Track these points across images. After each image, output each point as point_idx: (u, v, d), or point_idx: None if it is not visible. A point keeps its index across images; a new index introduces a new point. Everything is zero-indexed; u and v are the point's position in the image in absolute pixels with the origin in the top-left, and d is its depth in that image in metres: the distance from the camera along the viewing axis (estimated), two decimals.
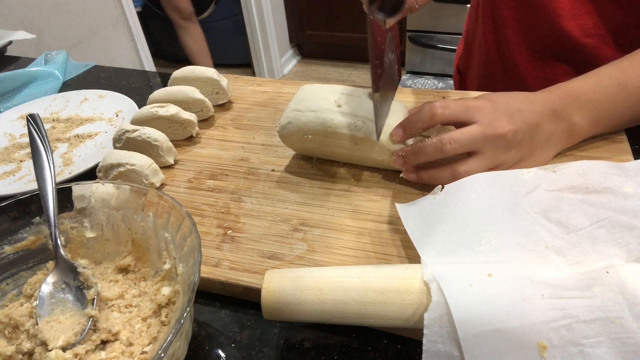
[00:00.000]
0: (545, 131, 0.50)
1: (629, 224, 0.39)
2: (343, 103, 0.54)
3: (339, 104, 0.54)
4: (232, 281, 0.45)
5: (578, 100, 0.51)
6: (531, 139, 0.50)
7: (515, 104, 0.50)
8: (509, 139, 0.48)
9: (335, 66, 3.03)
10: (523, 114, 0.49)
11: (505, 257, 0.40)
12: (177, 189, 0.58)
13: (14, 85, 0.91)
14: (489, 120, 0.48)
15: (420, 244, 0.42)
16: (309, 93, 0.56)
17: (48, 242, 0.46)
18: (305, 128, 0.54)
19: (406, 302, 0.37)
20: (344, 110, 0.53)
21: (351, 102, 0.54)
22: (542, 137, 0.51)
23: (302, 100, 0.56)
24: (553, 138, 0.51)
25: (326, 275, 0.39)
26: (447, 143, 0.48)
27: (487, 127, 0.48)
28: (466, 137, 0.48)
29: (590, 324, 0.33)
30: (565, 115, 0.51)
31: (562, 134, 0.52)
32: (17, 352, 0.39)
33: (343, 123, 0.53)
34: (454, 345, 0.34)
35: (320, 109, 0.54)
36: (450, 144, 0.48)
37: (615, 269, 0.36)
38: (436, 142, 0.48)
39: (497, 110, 0.49)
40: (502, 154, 0.49)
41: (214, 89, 0.71)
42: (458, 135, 0.48)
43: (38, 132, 0.49)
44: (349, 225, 0.50)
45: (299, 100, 0.56)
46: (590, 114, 0.51)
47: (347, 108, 0.53)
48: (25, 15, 1.70)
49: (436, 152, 0.48)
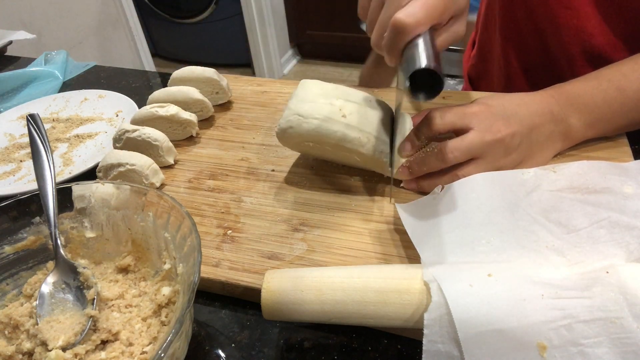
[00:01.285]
0: (543, 132, 0.50)
1: (629, 224, 0.39)
2: (348, 114, 0.51)
3: (343, 114, 0.51)
4: (232, 281, 0.45)
5: (575, 102, 0.51)
6: (529, 141, 0.50)
7: (511, 106, 0.50)
8: (507, 143, 0.48)
9: (335, 66, 3.03)
10: (520, 117, 0.49)
11: (505, 257, 0.40)
12: (177, 189, 0.58)
13: (14, 85, 0.91)
14: (486, 126, 0.48)
15: (420, 244, 0.42)
16: (311, 94, 0.53)
17: (48, 242, 0.46)
18: (307, 136, 0.52)
19: (406, 302, 0.37)
20: (349, 123, 0.51)
21: (357, 114, 0.52)
22: (541, 138, 0.51)
23: (303, 101, 0.53)
24: (550, 139, 0.52)
25: (326, 276, 0.39)
26: (448, 153, 0.48)
27: (485, 133, 0.48)
28: (466, 144, 0.48)
29: (590, 324, 0.33)
30: (563, 116, 0.51)
31: (559, 136, 0.52)
32: (17, 352, 0.39)
33: (348, 137, 0.51)
34: (454, 345, 0.34)
35: (324, 118, 0.51)
36: (452, 153, 0.48)
37: (615, 269, 0.35)
38: (437, 153, 0.49)
39: (493, 115, 0.49)
40: (502, 158, 0.49)
41: (214, 89, 0.71)
42: (458, 144, 0.48)
43: (38, 132, 0.49)
44: (349, 225, 0.50)
45: (301, 101, 0.53)
46: (587, 116, 0.51)
47: (352, 120, 0.51)
48: (25, 15, 1.70)
49: (438, 162, 0.49)
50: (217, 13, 2.77)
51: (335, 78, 2.91)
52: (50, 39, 1.80)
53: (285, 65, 3.03)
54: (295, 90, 0.54)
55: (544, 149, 0.52)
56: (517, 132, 0.49)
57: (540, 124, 0.50)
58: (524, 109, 0.50)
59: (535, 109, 0.50)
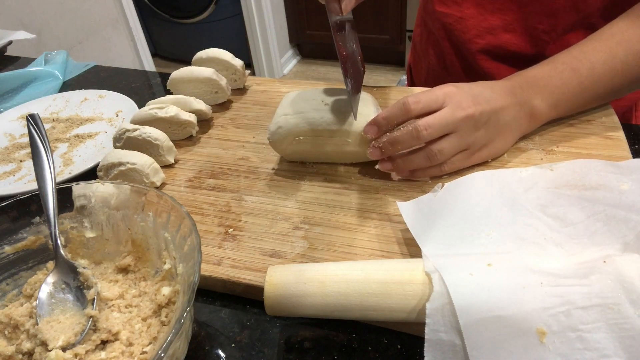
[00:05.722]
0: (509, 113, 0.54)
1: (625, 217, 0.40)
2: (329, 101, 0.55)
3: (325, 103, 0.55)
4: (233, 279, 0.45)
5: (536, 84, 0.55)
6: (497, 121, 0.53)
7: (477, 88, 0.53)
8: (476, 119, 0.51)
9: (335, 66, 3.02)
10: (486, 96, 0.52)
11: (504, 248, 0.41)
12: (178, 188, 0.58)
13: (14, 85, 0.91)
14: (457, 102, 0.51)
15: (421, 238, 0.43)
16: (294, 98, 0.58)
17: (48, 242, 0.46)
18: (296, 130, 0.55)
19: (408, 293, 0.37)
20: (331, 108, 0.55)
21: (337, 100, 0.55)
22: (507, 118, 0.54)
23: (288, 105, 0.57)
24: (517, 120, 0.55)
25: (329, 269, 0.40)
26: (422, 129, 0.49)
27: (456, 108, 0.50)
28: (439, 120, 0.50)
29: (588, 310, 0.34)
30: (526, 99, 0.55)
31: (525, 117, 0.55)
32: (17, 352, 0.39)
33: (331, 119, 0.54)
34: (456, 334, 0.34)
35: (307, 110, 0.55)
36: (426, 130, 0.49)
37: (612, 258, 0.36)
38: (412, 130, 0.50)
39: (462, 93, 0.52)
40: (472, 133, 0.52)
41: (213, 88, 0.71)
42: (432, 120, 0.50)
43: (38, 132, 0.49)
44: (349, 222, 0.50)
45: (286, 106, 0.57)
46: (548, 97, 0.55)
47: (334, 105, 0.55)
48: (25, 15, 1.70)
49: (413, 139, 0.50)
50: (217, 13, 2.77)
51: (335, 78, 2.91)
52: (50, 39, 1.80)
53: (285, 65, 3.02)
54: (281, 102, 0.59)
55: (512, 129, 0.55)
56: (485, 110, 0.51)
57: (506, 105, 0.53)
58: (489, 91, 0.53)
59: (499, 92, 0.54)
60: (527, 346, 0.33)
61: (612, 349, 0.33)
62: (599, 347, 0.33)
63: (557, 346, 0.33)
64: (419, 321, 0.37)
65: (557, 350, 0.33)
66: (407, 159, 0.52)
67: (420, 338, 0.37)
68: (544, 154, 0.55)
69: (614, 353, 0.33)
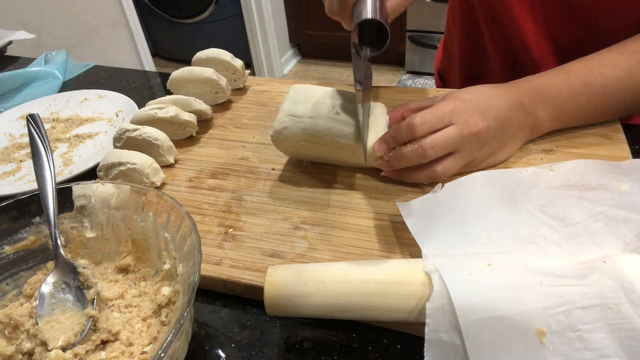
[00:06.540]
0: (514, 124, 0.53)
1: (625, 217, 0.40)
2: (341, 110, 0.53)
3: (337, 112, 0.53)
4: (233, 279, 0.45)
5: (543, 95, 0.53)
6: (502, 134, 0.52)
7: (484, 100, 0.52)
8: (483, 136, 0.51)
9: (335, 66, 3.03)
10: (493, 110, 0.51)
11: (504, 248, 0.41)
12: (178, 188, 0.58)
13: (14, 85, 0.91)
14: (464, 120, 0.50)
15: (421, 238, 0.43)
16: (302, 96, 0.55)
17: (48, 242, 0.46)
18: (302, 135, 0.53)
19: (408, 292, 0.37)
20: (342, 119, 0.52)
21: (348, 109, 0.53)
22: (512, 129, 0.53)
23: (296, 103, 0.54)
24: (520, 130, 0.54)
25: (329, 269, 0.40)
26: (428, 148, 0.49)
27: (463, 127, 0.50)
28: (445, 140, 0.49)
29: (587, 310, 0.34)
30: (532, 109, 0.53)
31: (527, 127, 0.54)
32: (17, 352, 0.39)
33: (342, 132, 0.52)
34: (456, 334, 0.34)
35: (317, 116, 0.52)
36: (431, 149, 0.49)
37: (612, 258, 0.36)
38: (417, 149, 0.49)
39: (469, 109, 0.51)
40: (477, 151, 0.52)
41: (213, 88, 0.71)
42: (438, 140, 0.49)
43: (38, 132, 0.49)
44: (349, 223, 0.50)
45: (293, 103, 0.54)
46: (554, 109, 0.54)
47: (345, 116, 0.52)
48: (25, 15, 1.70)
49: (418, 157, 0.50)
50: (217, 13, 2.77)
51: (335, 78, 2.91)
52: (50, 39, 1.80)
53: (285, 65, 3.02)
54: (287, 95, 0.56)
55: (514, 140, 0.54)
56: (491, 126, 0.51)
57: (512, 116, 0.52)
58: (497, 102, 0.52)
59: (506, 101, 0.52)
60: (527, 346, 0.33)
61: (612, 349, 0.33)
62: (598, 347, 0.33)
63: (557, 346, 0.33)
64: (419, 321, 0.37)
65: (556, 350, 0.33)
66: (413, 178, 0.52)
67: (420, 338, 0.37)
68: (544, 154, 0.55)
69: (614, 353, 0.33)
